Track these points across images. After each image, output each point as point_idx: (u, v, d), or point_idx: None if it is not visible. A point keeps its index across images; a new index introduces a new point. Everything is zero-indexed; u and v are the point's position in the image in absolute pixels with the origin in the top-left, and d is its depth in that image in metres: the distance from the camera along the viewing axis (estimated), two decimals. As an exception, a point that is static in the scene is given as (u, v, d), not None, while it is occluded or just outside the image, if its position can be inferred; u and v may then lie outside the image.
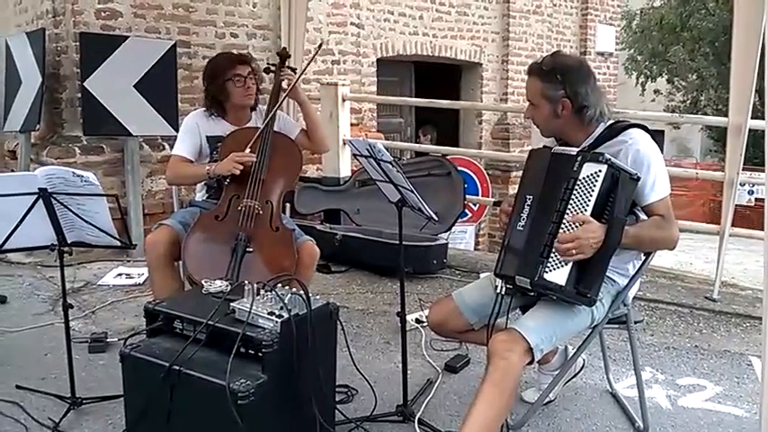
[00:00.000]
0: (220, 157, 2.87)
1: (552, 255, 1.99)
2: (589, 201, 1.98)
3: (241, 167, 2.77)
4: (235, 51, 3.40)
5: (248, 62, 3.02)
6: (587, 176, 1.98)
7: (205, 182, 3.01)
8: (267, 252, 2.70)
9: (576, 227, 1.96)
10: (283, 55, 3.12)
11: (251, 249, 2.64)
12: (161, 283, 2.77)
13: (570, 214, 1.98)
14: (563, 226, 1.98)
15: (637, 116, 4.33)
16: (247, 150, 2.81)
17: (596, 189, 1.98)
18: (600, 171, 1.97)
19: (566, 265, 1.99)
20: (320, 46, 3.03)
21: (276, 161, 2.89)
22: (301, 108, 3.13)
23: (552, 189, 2.06)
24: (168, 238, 2.77)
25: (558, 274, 1.99)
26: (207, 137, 2.98)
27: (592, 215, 1.98)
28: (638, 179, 2.02)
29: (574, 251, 1.95)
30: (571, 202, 1.99)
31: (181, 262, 2.78)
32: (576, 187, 1.99)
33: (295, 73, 3.07)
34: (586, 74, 2.16)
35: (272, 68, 3.08)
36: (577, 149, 2.07)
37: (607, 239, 1.97)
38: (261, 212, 2.77)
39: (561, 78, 2.11)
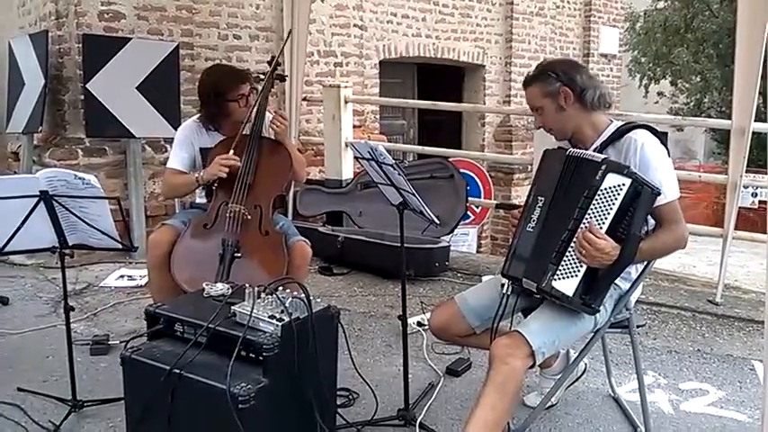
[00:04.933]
0: (207, 164, 2.87)
1: (563, 263, 1.98)
2: (608, 214, 1.95)
3: (227, 170, 2.76)
4: (234, 65, 3.37)
5: (249, 79, 2.98)
6: (609, 188, 1.95)
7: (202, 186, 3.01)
8: (256, 257, 2.69)
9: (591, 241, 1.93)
10: (273, 63, 3.10)
11: (239, 255, 2.62)
12: (159, 283, 2.76)
13: (586, 225, 1.95)
14: (576, 237, 1.96)
15: (640, 118, 4.32)
16: (231, 153, 2.80)
17: (617, 202, 1.95)
18: (623, 185, 1.94)
19: (576, 276, 1.98)
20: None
21: (264, 165, 2.86)
22: None
23: (568, 194, 2.04)
24: (171, 239, 2.76)
25: (567, 284, 1.98)
26: (201, 149, 2.97)
27: (608, 228, 1.95)
28: (659, 194, 1.99)
29: (585, 258, 1.95)
30: (589, 211, 1.96)
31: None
32: (597, 197, 1.95)
33: (282, 81, 3.18)
34: (575, 63, 2.26)
35: (262, 77, 3.07)
36: (602, 157, 2.01)
37: (621, 257, 1.95)
38: (249, 217, 2.76)
39: (553, 73, 2.16)
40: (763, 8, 3.45)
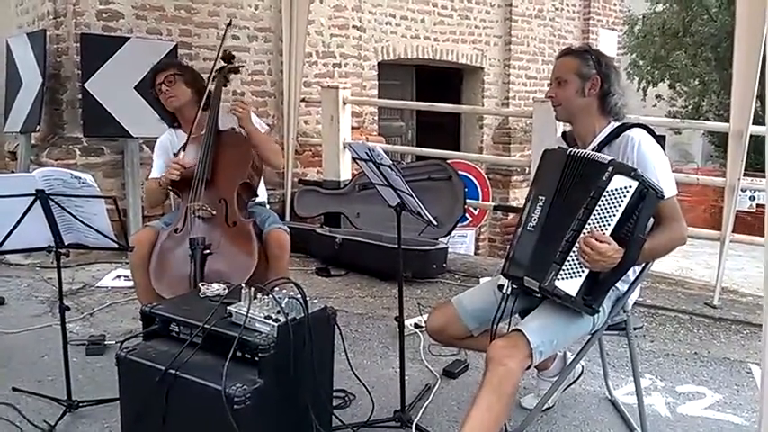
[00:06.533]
0: None
1: (567, 263, 1.97)
2: (614, 216, 1.94)
3: (177, 172, 2.78)
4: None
5: (165, 69, 3.00)
6: (616, 190, 1.94)
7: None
8: (227, 249, 2.70)
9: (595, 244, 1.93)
10: (226, 57, 3.10)
11: (209, 251, 2.62)
12: (143, 284, 2.77)
13: (590, 227, 1.94)
14: (582, 236, 1.95)
15: (638, 121, 4.32)
16: (181, 155, 2.82)
17: (623, 205, 1.93)
18: (629, 187, 1.93)
19: (579, 276, 1.97)
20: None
21: (220, 158, 2.86)
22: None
23: (570, 193, 2.03)
24: (151, 240, 2.78)
25: (570, 284, 1.97)
26: (174, 154, 2.98)
27: (613, 230, 1.94)
28: (663, 197, 1.98)
29: (588, 263, 1.94)
30: (594, 213, 1.95)
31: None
32: (603, 198, 1.94)
33: (237, 73, 3.13)
34: (615, 67, 2.24)
35: (216, 74, 3.06)
36: (609, 158, 2.00)
37: (624, 259, 1.94)
38: (214, 212, 2.76)
39: (596, 59, 2.17)
40: (761, 12, 3.45)
